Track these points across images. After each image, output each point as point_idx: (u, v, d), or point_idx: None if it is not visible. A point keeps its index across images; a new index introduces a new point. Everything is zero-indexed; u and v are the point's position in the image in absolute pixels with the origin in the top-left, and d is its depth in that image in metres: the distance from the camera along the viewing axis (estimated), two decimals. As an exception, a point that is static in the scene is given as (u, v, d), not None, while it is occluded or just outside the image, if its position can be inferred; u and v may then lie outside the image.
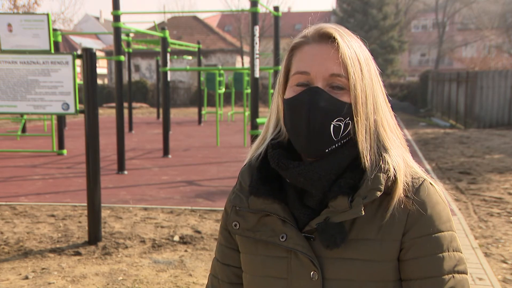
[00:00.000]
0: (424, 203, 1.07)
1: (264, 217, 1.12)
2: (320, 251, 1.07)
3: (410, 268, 1.07)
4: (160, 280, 4.16)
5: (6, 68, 5.08)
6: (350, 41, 1.08)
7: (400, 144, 1.13)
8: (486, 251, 4.98)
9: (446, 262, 1.06)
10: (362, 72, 1.06)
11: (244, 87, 14.24)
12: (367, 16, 36.07)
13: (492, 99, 17.35)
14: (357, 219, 1.06)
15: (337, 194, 1.05)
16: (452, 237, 1.09)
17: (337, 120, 1.06)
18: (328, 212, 1.06)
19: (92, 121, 5.03)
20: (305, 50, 1.09)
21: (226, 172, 9.01)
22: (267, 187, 1.12)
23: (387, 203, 1.06)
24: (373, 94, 1.08)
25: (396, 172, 1.06)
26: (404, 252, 1.07)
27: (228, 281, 1.24)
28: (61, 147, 11.22)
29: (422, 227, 1.06)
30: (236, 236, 1.19)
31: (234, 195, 1.18)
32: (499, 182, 8.18)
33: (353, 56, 1.05)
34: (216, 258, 1.28)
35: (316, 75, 1.06)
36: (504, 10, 40.38)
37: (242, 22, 39.18)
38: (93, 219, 5.06)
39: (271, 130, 1.18)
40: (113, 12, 8.71)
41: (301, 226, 1.09)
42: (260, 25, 8.94)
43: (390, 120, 1.12)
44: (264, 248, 1.13)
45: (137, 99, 30.25)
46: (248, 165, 1.19)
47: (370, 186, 1.04)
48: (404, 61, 47.37)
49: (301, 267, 1.08)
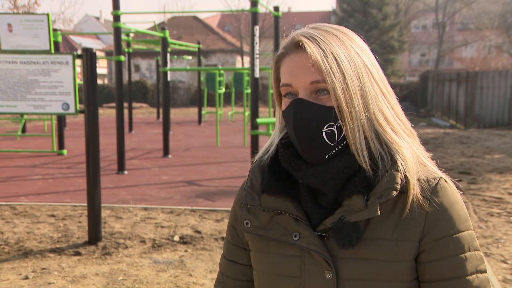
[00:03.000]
0: (442, 203, 1.06)
1: (276, 215, 1.11)
2: (334, 251, 1.06)
3: (432, 270, 1.06)
4: (160, 280, 4.16)
5: (6, 68, 5.08)
6: (327, 42, 1.04)
7: (405, 135, 1.08)
8: (486, 251, 4.98)
9: (469, 262, 1.05)
10: (343, 71, 1.02)
11: (244, 87, 14.25)
12: (367, 16, 36.05)
13: (492, 99, 17.35)
14: (372, 218, 1.05)
15: (352, 193, 1.04)
16: (472, 236, 1.08)
17: (327, 126, 1.04)
18: (342, 211, 1.05)
19: (92, 121, 5.03)
20: (286, 62, 1.08)
21: (226, 172, 9.01)
22: (279, 185, 1.11)
23: (402, 202, 1.05)
24: (362, 91, 1.04)
25: (405, 167, 1.03)
26: (425, 254, 1.06)
27: (233, 277, 1.24)
28: (61, 147, 11.22)
29: (443, 228, 1.05)
30: (247, 234, 1.18)
31: (245, 193, 1.16)
32: (499, 182, 8.18)
33: (328, 59, 1.02)
34: (223, 255, 1.28)
35: (298, 86, 1.05)
36: (504, 10, 40.36)
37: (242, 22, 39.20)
38: (93, 219, 5.06)
39: (279, 131, 1.18)
40: (113, 12, 8.71)
41: (314, 225, 1.08)
42: (260, 25, 8.94)
43: (389, 112, 1.07)
44: (277, 247, 1.12)
45: (137, 99, 30.26)
46: (258, 162, 1.18)
47: (385, 185, 1.03)
48: (404, 61, 47.37)
49: (315, 266, 1.07)
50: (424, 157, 1.11)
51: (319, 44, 1.03)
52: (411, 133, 1.11)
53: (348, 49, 1.05)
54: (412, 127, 1.13)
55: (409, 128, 1.11)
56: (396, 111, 1.09)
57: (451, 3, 44.67)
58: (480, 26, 42.27)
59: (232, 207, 1.25)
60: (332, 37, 1.06)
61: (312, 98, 1.05)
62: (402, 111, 1.11)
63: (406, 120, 1.11)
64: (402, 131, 1.08)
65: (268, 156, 1.17)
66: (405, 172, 1.03)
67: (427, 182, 1.07)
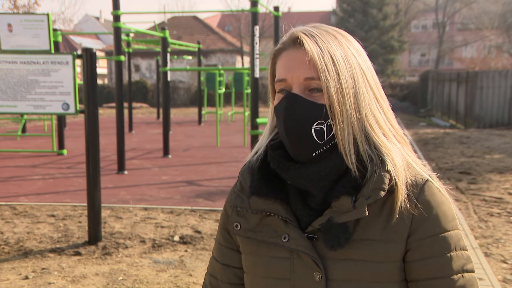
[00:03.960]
0: (429, 202, 1.06)
1: (266, 217, 1.11)
2: (323, 252, 1.06)
3: (418, 269, 1.06)
4: (160, 280, 4.16)
5: (6, 68, 5.09)
6: (325, 41, 1.04)
7: (396, 141, 1.09)
8: (486, 251, 4.98)
9: (454, 261, 1.05)
10: (338, 71, 1.02)
11: (244, 87, 14.25)
12: (367, 16, 36.06)
13: (492, 99, 17.35)
14: (361, 219, 1.05)
15: (340, 194, 1.04)
16: (459, 236, 1.08)
17: (317, 123, 1.04)
18: (331, 212, 1.05)
19: (92, 121, 5.03)
20: (283, 57, 1.08)
21: (226, 172, 9.01)
22: (269, 187, 1.11)
23: (391, 202, 1.05)
24: (355, 92, 1.04)
25: (395, 171, 1.04)
26: (411, 253, 1.06)
27: (228, 281, 1.22)
28: (61, 147, 11.22)
29: (429, 228, 1.05)
30: (237, 236, 1.18)
31: (234, 195, 1.16)
32: (499, 182, 8.18)
33: (325, 57, 1.02)
34: (214, 258, 1.26)
35: (292, 81, 1.05)
36: (504, 10, 40.36)
37: (242, 22, 39.20)
38: (93, 219, 5.06)
39: (269, 132, 1.18)
40: (113, 12, 8.71)
41: (304, 226, 1.08)
42: (260, 25, 8.94)
43: (381, 117, 1.07)
44: (267, 249, 1.12)
45: (137, 99, 30.25)
46: (248, 165, 1.18)
47: (373, 185, 1.03)
48: (404, 61, 47.37)
49: (304, 267, 1.07)
50: (412, 157, 1.10)
51: (317, 42, 1.04)
52: (402, 139, 1.11)
53: (345, 50, 1.06)
54: (404, 134, 1.13)
55: (401, 134, 1.12)
56: (389, 117, 1.10)
57: (451, 3, 44.67)
58: (480, 26, 42.27)
59: (223, 209, 1.25)
60: (331, 37, 1.06)
61: (305, 94, 1.05)
62: (394, 118, 1.12)
63: (398, 127, 1.12)
64: (393, 137, 1.09)
65: (257, 157, 1.17)
66: (394, 174, 1.03)
67: (414, 182, 1.07)
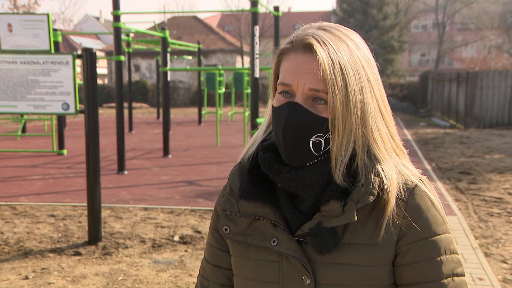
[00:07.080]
0: (418, 206, 1.05)
1: (255, 221, 1.10)
2: (312, 256, 1.06)
3: (408, 273, 1.05)
4: (160, 280, 4.16)
5: (6, 68, 5.08)
6: (337, 50, 1.01)
7: (395, 154, 1.08)
8: (486, 251, 4.98)
9: (444, 265, 1.05)
10: (346, 84, 1.00)
11: (244, 87, 14.25)
12: (367, 16, 36.06)
13: (492, 99, 17.35)
14: (350, 224, 1.04)
15: (330, 199, 1.03)
16: (449, 240, 1.07)
17: (316, 136, 1.02)
18: (320, 217, 1.04)
19: (92, 121, 5.03)
20: (290, 59, 1.04)
21: (226, 172, 9.00)
22: (258, 190, 1.10)
23: (380, 207, 1.04)
24: (362, 106, 1.02)
25: (384, 175, 1.03)
26: (400, 257, 1.05)
27: (219, 282, 1.22)
28: (61, 147, 11.22)
29: (418, 231, 1.04)
30: (227, 240, 1.17)
31: (224, 199, 1.15)
32: (499, 182, 8.18)
33: (335, 69, 0.99)
34: (205, 259, 1.25)
35: (297, 88, 1.02)
36: (504, 10, 40.36)
37: (242, 22, 39.17)
38: (93, 219, 5.06)
39: (263, 131, 1.16)
40: (113, 12, 8.71)
41: (293, 230, 1.07)
42: (260, 25, 8.94)
43: (384, 131, 1.06)
44: (256, 252, 1.11)
45: (137, 99, 30.24)
46: (238, 167, 1.17)
47: (363, 190, 1.02)
48: (404, 61, 47.37)
49: (293, 271, 1.07)
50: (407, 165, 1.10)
51: (329, 52, 1.00)
52: (401, 152, 1.11)
53: (355, 61, 1.03)
54: (403, 145, 1.13)
55: (401, 147, 1.11)
56: (391, 130, 1.09)
57: (451, 3, 44.65)
58: (480, 26, 42.27)
59: (213, 210, 1.24)
60: (343, 46, 1.02)
61: (308, 104, 1.03)
62: (395, 129, 1.11)
63: (398, 140, 1.11)
64: (392, 150, 1.08)
65: (248, 157, 1.15)
66: (383, 178, 1.03)
67: (404, 186, 1.06)
